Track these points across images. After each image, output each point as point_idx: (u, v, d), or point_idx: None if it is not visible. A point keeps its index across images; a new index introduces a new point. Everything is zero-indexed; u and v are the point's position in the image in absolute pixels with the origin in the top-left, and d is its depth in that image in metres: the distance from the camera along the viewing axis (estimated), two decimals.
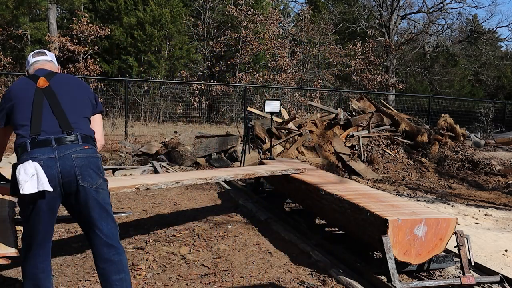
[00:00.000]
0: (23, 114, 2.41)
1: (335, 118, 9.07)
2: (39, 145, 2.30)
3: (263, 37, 19.14)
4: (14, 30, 20.23)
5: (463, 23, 28.58)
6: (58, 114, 2.41)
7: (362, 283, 3.12)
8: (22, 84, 2.53)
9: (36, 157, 2.26)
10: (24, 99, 2.44)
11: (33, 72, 2.60)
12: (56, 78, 2.54)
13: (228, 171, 4.41)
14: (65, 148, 2.32)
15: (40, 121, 2.37)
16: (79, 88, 2.59)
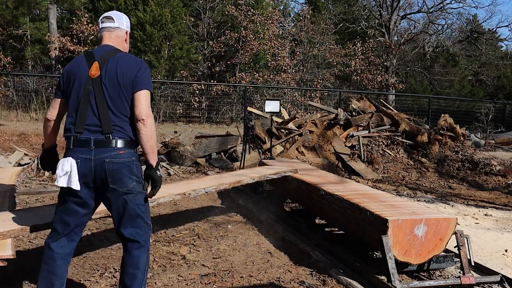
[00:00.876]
0: (72, 104, 2.52)
1: (335, 118, 9.06)
2: (80, 144, 2.46)
3: (263, 37, 19.14)
4: (14, 30, 20.23)
5: (463, 23, 28.60)
6: (102, 112, 2.46)
7: (362, 283, 3.12)
8: (79, 66, 2.55)
9: (76, 155, 2.46)
10: (76, 88, 2.51)
11: (99, 44, 2.64)
12: (108, 65, 2.50)
13: (211, 180, 4.15)
14: (101, 152, 2.44)
15: (85, 118, 2.47)
16: (126, 75, 2.49)
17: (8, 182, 4.22)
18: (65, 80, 2.56)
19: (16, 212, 3.13)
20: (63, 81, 2.58)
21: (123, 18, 2.71)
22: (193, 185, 3.94)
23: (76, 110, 2.49)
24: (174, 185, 4.17)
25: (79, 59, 2.59)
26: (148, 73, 2.58)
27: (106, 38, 2.63)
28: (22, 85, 16.04)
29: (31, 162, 6.91)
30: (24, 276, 3.11)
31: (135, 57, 2.69)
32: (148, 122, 2.45)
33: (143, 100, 2.47)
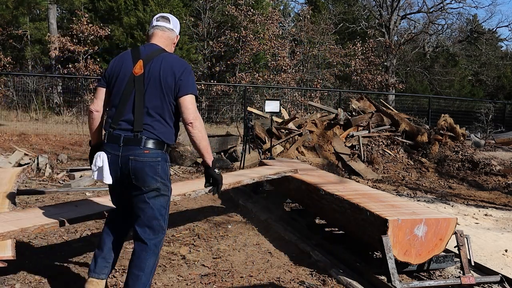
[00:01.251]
0: (113, 99, 2.59)
1: (335, 118, 9.06)
2: (112, 140, 2.53)
3: (263, 37, 19.14)
4: (14, 30, 20.23)
5: (463, 23, 28.60)
6: (138, 111, 2.51)
7: (362, 283, 3.12)
8: (125, 62, 2.61)
9: (107, 150, 2.54)
10: (118, 83, 2.57)
11: (147, 41, 2.70)
12: (152, 65, 2.54)
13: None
14: (127, 150, 2.50)
15: (122, 114, 2.53)
16: (169, 76, 2.52)
17: (8, 182, 4.22)
18: (110, 73, 2.62)
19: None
20: (108, 73, 2.63)
21: (178, 22, 2.79)
22: (193, 186, 3.94)
23: (116, 105, 2.55)
24: (173, 185, 4.16)
25: (125, 55, 2.65)
26: (192, 75, 2.59)
27: (158, 36, 2.67)
28: (22, 85, 16.04)
29: (31, 162, 6.90)
30: (24, 276, 3.11)
31: (180, 58, 2.69)
32: (196, 124, 2.52)
33: (189, 105, 2.51)
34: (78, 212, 3.12)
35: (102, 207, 3.21)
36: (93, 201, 3.50)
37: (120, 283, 3.03)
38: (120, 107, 2.53)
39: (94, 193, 5.66)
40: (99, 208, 3.21)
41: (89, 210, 3.18)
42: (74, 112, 14.96)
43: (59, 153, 8.22)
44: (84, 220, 3.18)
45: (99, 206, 3.31)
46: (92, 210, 3.17)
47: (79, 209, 3.24)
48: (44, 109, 15.84)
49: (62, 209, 3.25)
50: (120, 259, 3.46)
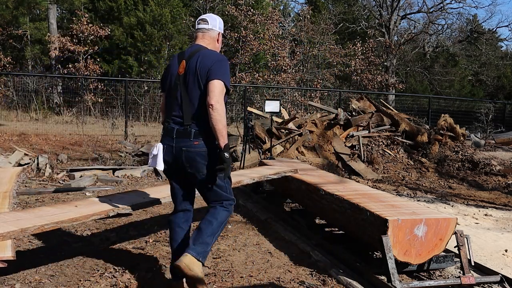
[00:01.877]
0: (168, 97, 2.93)
1: (335, 118, 9.06)
2: (167, 133, 2.87)
3: (263, 37, 19.14)
4: (14, 30, 20.23)
5: (463, 23, 28.60)
6: (185, 106, 2.82)
7: (362, 283, 3.12)
8: (173, 64, 2.95)
9: (163, 142, 2.88)
10: (170, 83, 2.92)
11: (193, 43, 3.03)
12: (191, 62, 2.82)
13: None
14: (180, 141, 2.81)
15: (172, 110, 2.87)
16: (203, 67, 2.79)
17: (8, 182, 4.22)
18: (163, 77, 3.01)
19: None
20: (162, 77, 3.02)
21: (217, 20, 3.02)
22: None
23: (169, 102, 2.89)
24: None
25: (173, 59, 2.98)
26: (224, 66, 2.81)
27: (200, 38, 2.96)
28: (22, 85, 16.05)
29: (31, 162, 6.91)
30: (24, 276, 3.11)
31: (218, 53, 2.96)
32: (216, 107, 2.68)
33: (214, 88, 2.71)
34: (78, 213, 3.12)
35: (107, 206, 3.26)
36: (95, 201, 3.51)
37: (120, 283, 3.03)
38: (169, 108, 2.87)
39: (94, 193, 5.67)
40: (100, 208, 3.23)
41: (89, 210, 3.18)
42: (74, 112, 14.96)
43: (59, 153, 8.22)
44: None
45: (100, 205, 3.32)
46: (92, 210, 3.18)
47: (78, 209, 3.24)
48: (44, 109, 15.84)
49: (62, 209, 3.25)
50: (120, 259, 3.47)
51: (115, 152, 8.55)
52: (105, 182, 6.32)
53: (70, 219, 3.00)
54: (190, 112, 2.79)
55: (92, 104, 15.73)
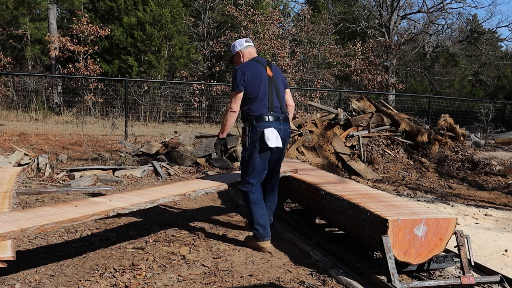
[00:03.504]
0: (262, 93, 3.76)
1: (335, 118, 9.06)
2: (275, 119, 3.77)
3: (263, 37, 19.14)
4: (14, 30, 20.25)
5: (463, 23, 28.62)
6: (279, 99, 3.84)
7: (362, 283, 3.12)
8: (257, 66, 3.83)
9: (274, 126, 3.74)
10: (261, 79, 3.77)
11: (251, 56, 3.96)
12: (272, 68, 3.91)
13: (210, 182, 4.15)
14: (284, 124, 3.83)
15: (273, 102, 3.79)
16: (280, 77, 3.98)
17: (8, 182, 4.22)
18: (249, 76, 3.78)
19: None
20: (245, 77, 3.77)
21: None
22: (193, 186, 3.95)
23: (266, 97, 3.78)
24: (173, 185, 4.19)
25: (254, 64, 3.86)
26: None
27: (254, 52, 4.04)
28: (22, 85, 16.06)
29: (31, 162, 6.91)
30: (24, 276, 3.11)
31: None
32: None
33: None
34: (78, 213, 3.12)
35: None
36: (95, 201, 3.51)
37: (120, 283, 3.03)
38: (270, 100, 3.80)
39: (93, 193, 5.67)
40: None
41: (89, 210, 3.19)
42: (74, 112, 14.97)
43: (59, 153, 8.22)
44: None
45: (100, 205, 3.32)
46: (92, 210, 3.18)
47: (78, 209, 3.24)
48: (44, 109, 15.85)
49: (62, 209, 3.25)
50: (120, 259, 3.47)
51: (115, 152, 8.55)
52: (105, 182, 6.32)
53: (70, 219, 3.00)
54: (283, 103, 3.90)
55: (92, 104, 15.75)
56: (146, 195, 3.64)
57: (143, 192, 3.83)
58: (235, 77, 3.77)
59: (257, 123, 3.72)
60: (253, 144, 3.73)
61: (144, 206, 3.44)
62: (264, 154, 3.74)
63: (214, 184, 4.02)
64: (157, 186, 4.37)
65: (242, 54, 3.94)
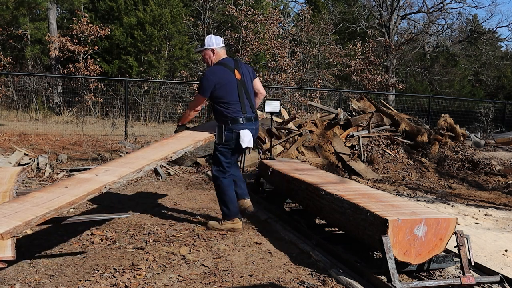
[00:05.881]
0: (234, 99, 4.02)
1: (335, 118, 9.06)
2: (248, 120, 4.07)
3: (263, 37, 19.13)
4: (14, 30, 20.25)
5: (463, 23, 28.62)
6: (249, 100, 4.11)
7: (362, 283, 3.12)
8: (224, 72, 4.04)
9: (248, 128, 4.05)
10: (231, 85, 4.02)
11: (220, 57, 4.13)
12: (240, 69, 4.10)
13: (185, 139, 4.21)
14: (255, 123, 4.15)
15: (245, 105, 4.06)
16: (248, 74, 4.18)
17: (8, 182, 4.22)
18: (218, 81, 4.04)
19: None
20: (213, 83, 4.04)
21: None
22: (170, 147, 4.02)
23: (237, 100, 4.06)
24: (151, 149, 4.20)
25: (221, 68, 4.09)
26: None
27: (224, 53, 4.21)
28: (22, 85, 16.06)
29: (31, 162, 6.91)
30: (24, 276, 3.11)
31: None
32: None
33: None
34: (72, 195, 3.15)
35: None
36: (82, 178, 3.56)
37: (120, 283, 3.03)
38: (242, 102, 4.07)
39: None
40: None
41: (82, 190, 3.27)
42: (74, 112, 14.97)
43: (59, 153, 8.22)
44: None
45: (90, 183, 3.38)
46: (85, 190, 3.27)
47: (70, 190, 3.24)
48: (44, 109, 15.85)
49: (54, 193, 3.24)
50: (120, 259, 3.47)
51: (115, 152, 8.55)
52: None
53: (68, 203, 3.04)
54: (253, 104, 4.19)
55: (92, 104, 15.75)
56: (130, 164, 3.68)
57: (126, 161, 3.89)
58: (203, 82, 4.04)
59: (233, 125, 4.02)
60: (227, 143, 4.08)
61: (132, 176, 3.51)
62: (235, 150, 4.17)
63: (190, 142, 4.12)
64: (135, 152, 4.35)
65: (215, 52, 4.12)
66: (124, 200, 5.41)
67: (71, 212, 4.82)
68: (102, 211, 4.87)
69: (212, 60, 4.13)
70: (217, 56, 4.13)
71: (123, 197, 5.56)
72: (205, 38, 4.17)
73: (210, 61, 4.14)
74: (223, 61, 4.11)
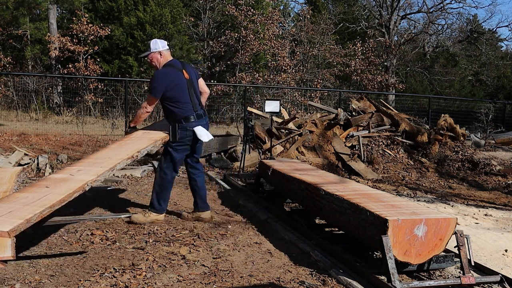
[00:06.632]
0: (185, 98, 4.20)
1: (335, 118, 9.06)
2: (198, 117, 4.26)
3: (263, 37, 19.13)
4: (14, 30, 20.24)
5: (463, 23, 28.63)
6: (197, 98, 4.32)
7: (362, 283, 3.12)
8: (175, 73, 4.20)
9: (200, 124, 4.26)
10: (182, 85, 4.19)
11: (167, 59, 4.28)
12: (187, 70, 4.30)
13: (143, 140, 4.34)
14: (205, 119, 4.35)
15: (195, 103, 4.27)
16: (194, 74, 4.41)
17: (8, 182, 4.22)
18: (170, 83, 4.20)
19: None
20: (165, 84, 4.19)
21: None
22: (133, 147, 4.13)
23: (189, 99, 4.25)
24: (112, 151, 4.28)
25: (172, 70, 4.25)
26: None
27: (170, 55, 4.38)
28: (22, 85, 16.05)
29: (31, 162, 6.91)
30: (24, 276, 3.11)
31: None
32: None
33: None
34: (59, 193, 3.28)
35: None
36: (60, 178, 3.70)
37: (120, 282, 3.03)
38: (192, 101, 4.27)
39: (93, 193, 5.67)
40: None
41: (65, 189, 3.35)
42: (74, 112, 14.97)
43: (59, 153, 8.22)
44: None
45: (70, 182, 3.48)
46: (68, 189, 3.38)
47: (53, 190, 3.33)
48: (44, 109, 15.85)
49: (39, 193, 3.35)
50: (120, 259, 3.47)
51: None
52: (105, 182, 6.31)
53: (58, 201, 3.16)
54: (200, 101, 4.41)
55: (92, 104, 15.74)
56: (101, 164, 3.83)
57: (94, 161, 3.99)
58: (155, 83, 4.13)
59: (186, 123, 4.20)
60: (181, 141, 4.23)
61: (108, 174, 3.70)
62: (188, 147, 4.33)
63: (148, 142, 4.24)
64: (97, 152, 4.42)
65: (162, 54, 4.25)
66: (124, 200, 5.41)
67: (71, 212, 4.82)
68: (102, 211, 4.87)
69: (160, 63, 4.25)
70: (164, 58, 4.25)
71: (123, 197, 5.56)
72: (150, 42, 4.29)
73: (158, 63, 4.25)
74: (170, 63, 4.24)
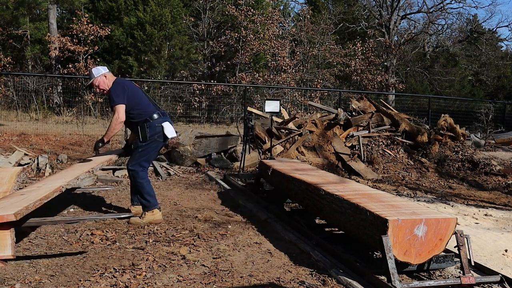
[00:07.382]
0: (145, 100, 4.49)
1: (335, 118, 9.06)
2: (163, 115, 4.50)
3: (263, 37, 19.14)
4: (14, 30, 20.24)
5: (463, 23, 28.63)
6: (152, 102, 4.58)
7: (362, 283, 3.12)
8: (128, 82, 4.60)
9: (166, 120, 4.47)
10: (138, 90, 4.53)
11: (112, 78, 4.47)
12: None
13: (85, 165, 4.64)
14: (168, 118, 4.56)
15: (155, 104, 4.57)
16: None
17: (8, 182, 4.22)
18: (130, 90, 4.44)
19: None
20: (126, 92, 4.40)
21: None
22: (73, 173, 4.31)
23: (149, 102, 4.52)
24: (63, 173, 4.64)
25: (127, 81, 4.67)
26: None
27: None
28: (22, 85, 16.05)
29: (31, 162, 6.90)
30: (24, 276, 3.11)
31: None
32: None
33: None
34: (39, 194, 3.43)
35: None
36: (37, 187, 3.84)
37: (120, 282, 3.03)
38: (153, 103, 4.56)
39: (93, 193, 5.67)
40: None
41: (41, 193, 3.47)
42: (74, 112, 14.97)
43: (59, 153, 8.22)
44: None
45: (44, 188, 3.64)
46: (45, 190, 3.52)
47: (27, 196, 3.49)
48: (44, 109, 15.84)
49: (15, 198, 3.42)
50: (120, 259, 3.47)
51: None
52: (105, 182, 6.32)
53: (39, 199, 3.34)
54: (155, 103, 4.65)
55: (92, 104, 15.74)
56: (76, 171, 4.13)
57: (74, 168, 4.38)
58: (116, 91, 4.31)
59: (153, 121, 4.38)
60: (152, 138, 4.37)
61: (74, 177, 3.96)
62: (161, 144, 4.54)
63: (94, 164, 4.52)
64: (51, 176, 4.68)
65: (107, 76, 4.44)
66: (124, 200, 5.41)
67: (71, 212, 4.82)
68: (102, 211, 4.88)
69: (108, 83, 4.42)
70: (110, 79, 4.44)
71: (123, 197, 5.56)
72: (90, 71, 4.50)
73: (106, 85, 4.41)
74: (117, 80, 4.49)
